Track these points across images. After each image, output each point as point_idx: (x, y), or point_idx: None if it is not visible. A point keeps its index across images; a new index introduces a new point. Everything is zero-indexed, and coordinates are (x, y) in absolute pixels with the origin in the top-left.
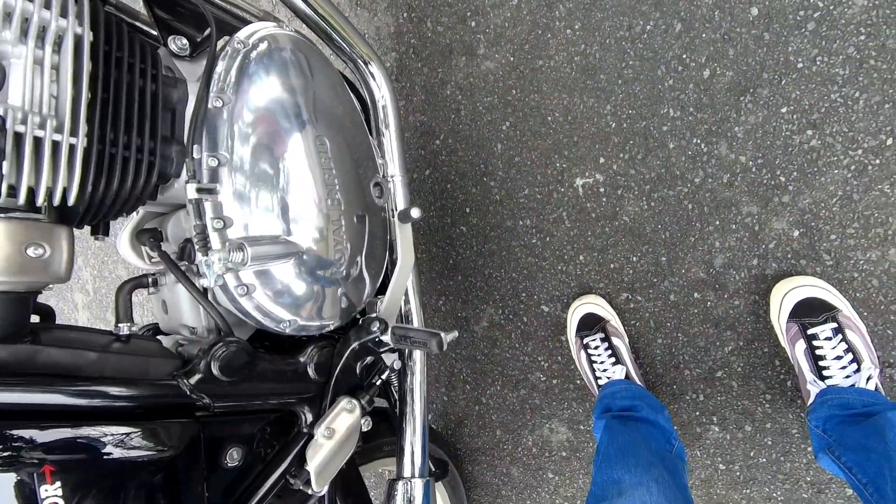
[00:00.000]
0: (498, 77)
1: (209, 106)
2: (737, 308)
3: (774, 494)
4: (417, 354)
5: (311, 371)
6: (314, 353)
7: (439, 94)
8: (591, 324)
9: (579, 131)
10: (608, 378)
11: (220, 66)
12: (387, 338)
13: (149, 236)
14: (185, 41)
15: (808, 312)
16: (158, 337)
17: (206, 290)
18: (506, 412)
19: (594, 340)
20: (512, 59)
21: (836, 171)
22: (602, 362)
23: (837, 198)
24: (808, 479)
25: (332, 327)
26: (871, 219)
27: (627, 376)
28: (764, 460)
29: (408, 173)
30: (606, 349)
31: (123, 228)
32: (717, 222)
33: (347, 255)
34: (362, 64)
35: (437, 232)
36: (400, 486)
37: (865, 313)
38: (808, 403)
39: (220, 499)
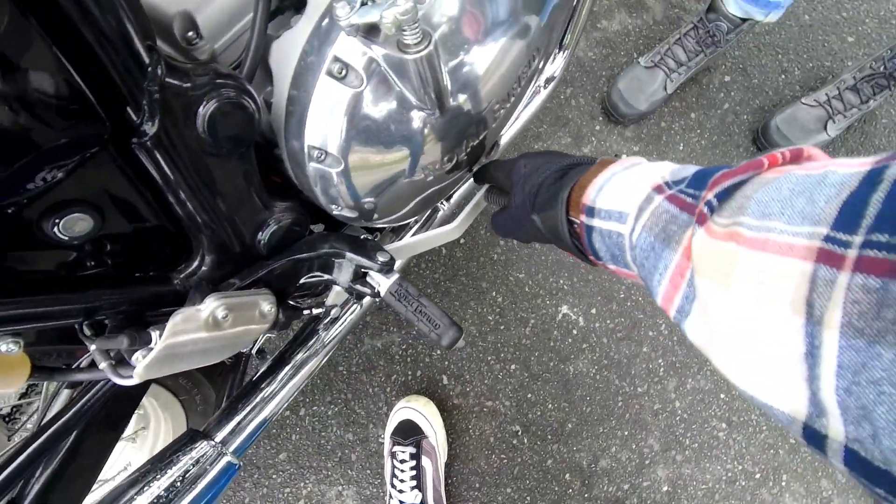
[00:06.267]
0: None
1: None
2: None
3: None
4: (355, 312)
5: (262, 235)
6: (286, 223)
7: None
8: (407, 432)
9: None
10: (400, 502)
11: None
12: (384, 281)
13: None
14: None
15: None
16: None
17: None
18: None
19: (403, 453)
20: None
21: None
22: (402, 481)
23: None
24: None
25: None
26: None
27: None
28: None
29: None
30: (412, 468)
31: None
32: (626, 433)
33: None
34: None
35: None
36: None
37: None
38: None
39: None
